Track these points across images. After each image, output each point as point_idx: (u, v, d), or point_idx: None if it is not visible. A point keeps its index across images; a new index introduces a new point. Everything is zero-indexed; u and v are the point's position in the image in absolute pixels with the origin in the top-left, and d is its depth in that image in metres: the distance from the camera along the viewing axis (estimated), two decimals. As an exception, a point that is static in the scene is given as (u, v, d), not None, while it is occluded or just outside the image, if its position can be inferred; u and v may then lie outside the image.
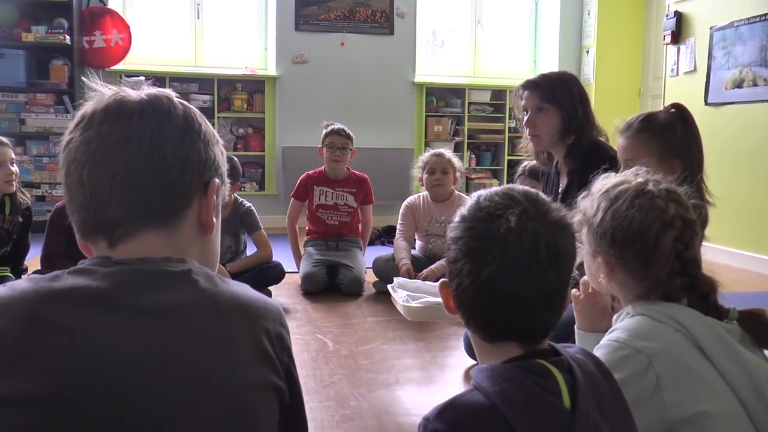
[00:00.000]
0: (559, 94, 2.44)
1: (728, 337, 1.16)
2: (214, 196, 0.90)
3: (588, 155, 2.37)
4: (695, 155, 1.91)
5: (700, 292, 1.22)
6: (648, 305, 1.21)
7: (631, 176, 1.26)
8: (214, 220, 0.91)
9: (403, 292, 2.74)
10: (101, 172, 0.83)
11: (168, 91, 0.90)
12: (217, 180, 0.90)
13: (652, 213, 1.18)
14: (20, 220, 3.23)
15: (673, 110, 1.95)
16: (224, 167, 0.93)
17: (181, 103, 0.90)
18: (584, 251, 1.29)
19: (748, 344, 1.20)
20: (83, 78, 0.96)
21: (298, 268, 3.81)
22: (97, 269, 0.81)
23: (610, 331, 1.23)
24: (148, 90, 0.89)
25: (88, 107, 0.87)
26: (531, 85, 2.49)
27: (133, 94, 0.88)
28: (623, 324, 1.21)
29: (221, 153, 0.93)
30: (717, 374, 1.13)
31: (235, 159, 3.36)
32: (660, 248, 1.18)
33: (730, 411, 1.11)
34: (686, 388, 1.11)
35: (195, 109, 0.91)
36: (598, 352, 1.14)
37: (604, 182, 1.28)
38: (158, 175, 0.83)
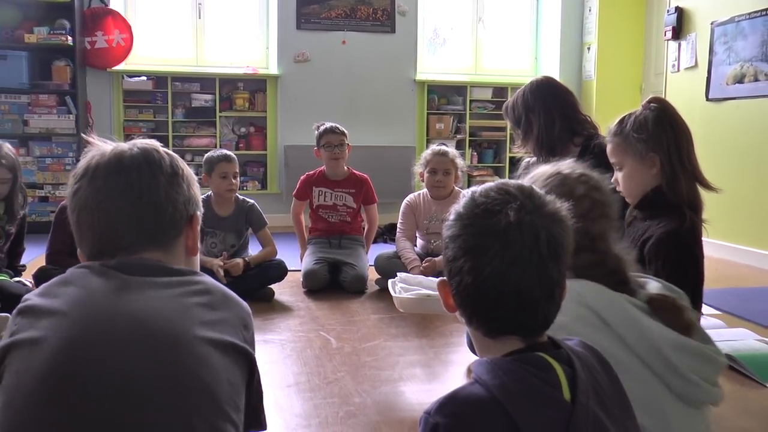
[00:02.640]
0: (515, 118, 2.82)
1: (630, 308, 1.21)
2: (198, 226, 1.12)
3: (583, 152, 2.54)
4: (676, 145, 1.92)
5: (609, 268, 1.27)
6: None
7: (548, 167, 1.37)
8: (199, 245, 1.13)
9: (400, 286, 2.74)
10: (110, 216, 1.04)
11: (155, 144, 1.11)
12: (198, 212, 1.12)
13: (559, 190, 1.23)
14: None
15: (652, 105, 1.96)
16: (200, 199, 1.14)
17: (167, 153, 1.11)
18: None
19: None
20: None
21: (302, 258, 3.83)
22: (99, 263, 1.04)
23: None
24: (139, 144, 1.09)
25: (91, 161, 1.07)
26: (503, 111, 2.94)
27: (127, 148, 1.08)
28: None
29: (197, 188, 1.14)
30: (622, 344, 1.19)
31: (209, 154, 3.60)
32: None
33: (636, 373, 1.16)
34: None
35: (176, 156, 1.12)
36: None
37: (530, 175, 1.38)
38: (156, 215, 1.05)
